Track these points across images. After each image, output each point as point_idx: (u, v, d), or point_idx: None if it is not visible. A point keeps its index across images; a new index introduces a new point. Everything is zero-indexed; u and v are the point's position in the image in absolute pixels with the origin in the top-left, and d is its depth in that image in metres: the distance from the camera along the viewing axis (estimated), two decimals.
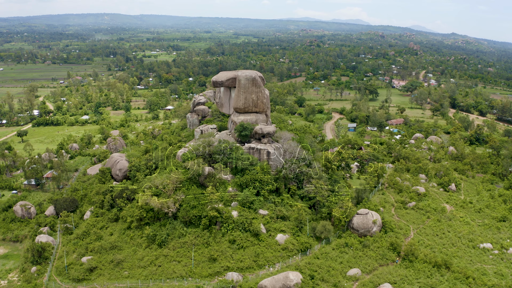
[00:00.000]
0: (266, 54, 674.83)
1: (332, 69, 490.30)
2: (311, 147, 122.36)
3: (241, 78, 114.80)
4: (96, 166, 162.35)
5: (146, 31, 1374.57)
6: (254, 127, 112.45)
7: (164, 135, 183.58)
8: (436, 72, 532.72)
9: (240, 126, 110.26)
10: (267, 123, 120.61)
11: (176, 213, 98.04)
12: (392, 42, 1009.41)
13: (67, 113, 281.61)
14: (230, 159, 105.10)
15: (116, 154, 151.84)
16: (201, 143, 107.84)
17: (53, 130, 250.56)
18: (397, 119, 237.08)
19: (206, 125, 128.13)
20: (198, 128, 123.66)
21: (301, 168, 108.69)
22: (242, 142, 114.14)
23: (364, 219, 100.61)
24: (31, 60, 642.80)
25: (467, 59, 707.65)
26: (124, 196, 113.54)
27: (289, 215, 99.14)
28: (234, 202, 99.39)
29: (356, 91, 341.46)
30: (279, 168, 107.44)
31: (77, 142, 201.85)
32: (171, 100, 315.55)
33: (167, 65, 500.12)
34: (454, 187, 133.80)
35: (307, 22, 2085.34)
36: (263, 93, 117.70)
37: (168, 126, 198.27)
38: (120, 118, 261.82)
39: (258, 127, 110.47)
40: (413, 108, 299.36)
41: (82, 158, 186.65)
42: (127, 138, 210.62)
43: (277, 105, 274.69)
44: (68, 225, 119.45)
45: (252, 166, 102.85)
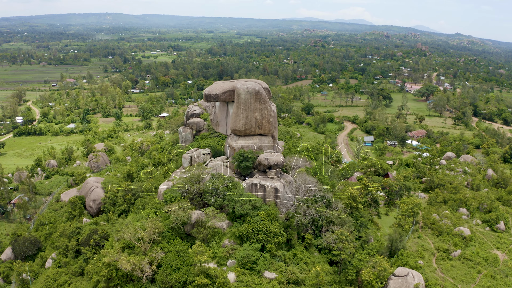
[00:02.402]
0: (269, 54, 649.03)
1: (339, 71, 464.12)
2: (330, 177, 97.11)
3: (241, 91, 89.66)
4: (71, 191, 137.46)
5: (148, 31, 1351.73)
6: (258, 156, 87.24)
7: (153, 152, 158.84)
8: (448, 75, 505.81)
9: (239, 156, 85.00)
10: (274, 148, 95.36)
11: (154, 275, 73.15)
12: (398, 43, 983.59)
13: (53, 121, 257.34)
14: (226, 201, 79.89)
15: (92, 180, 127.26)
16: (188, 178, 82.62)
17: (35, 140, 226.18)
18: (418, 131, 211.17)
19: (198, 149, 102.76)
20: (187, 154, 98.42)
21: (319, 210, 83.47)
22: (242, 175, 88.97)
23: (403, 283, 75.23)
24: (27, 61, 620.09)
25: (477, 61, 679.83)
26: (91, 244, 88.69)
27: (304, 278, 73.90)
28: (231, 261, 74.32)
29: (368, 97, 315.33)
30: (290, 212, 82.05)
31: (56, 158, 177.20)
32: (166, 106, 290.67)
33: (165, 66, 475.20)
34: (503, 226, 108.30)
35: (310, 22, 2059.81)
36: (269, 110, 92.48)
37: (159, 140, 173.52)
38: (109, 126, 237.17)
39: (263, 157, 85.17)
40: (431, 116, 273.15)
41: (59, 178, 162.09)
42: (114, 152, 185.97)
43: (283, 112, 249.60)
44: (25, 276, 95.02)
45: (255, 211, 77.55)
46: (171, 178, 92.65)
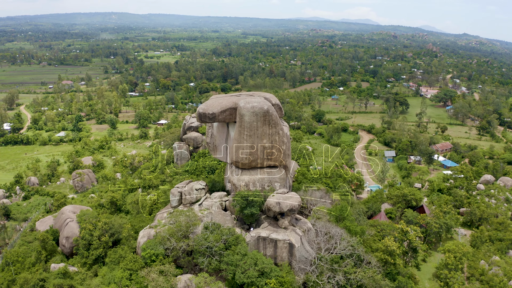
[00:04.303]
0: (275, 55, 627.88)
1: (350, 74, 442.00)
2: (357, 218, 76.61)
3: (244, 112, 69.33)
4: (48, 219, 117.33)
5: (153, 30, 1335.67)
6: (267, 198, 66.86)
7: (144, 171, 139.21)
8: (463, 77, 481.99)
9: (242, 200, 64.43)
10: (287, 183, 74.96)
11: None
12: (406, 43, 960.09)
13: (44, 127, 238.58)
14: (223, 263, 59.52)
15: (68, 209, 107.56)
16: (174, 230, 62.39)
17: (21, 151, 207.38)
18: (442, 143, 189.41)
19: (190, 181, 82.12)
20: (176, 189, 78.00)
21: (347, 271, 62.93)
22: (246, 223, 68.53)
23: None
24: (26, 61, 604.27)
25: (490, 62, 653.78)
26: None
27: None
28: None
29: (383, 102, 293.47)
30: (310, 277, 61.41)
31: (38, 174, 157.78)
32: (166, 111, 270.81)
33: (167, 68, 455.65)
34: None
35: (316, 22, 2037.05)
36: (281, 135, 72.13)
37: (152, 155, 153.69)
38: (102, 135, 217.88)
39: (273, 201, 64.65)
40: (452, 125, 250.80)
41: (39, 199, 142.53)
42: (103, 166, 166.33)
43: (292, 120, 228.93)
44: None
45: (262, 279, 57.18)
46: (155, 222, 72.55)
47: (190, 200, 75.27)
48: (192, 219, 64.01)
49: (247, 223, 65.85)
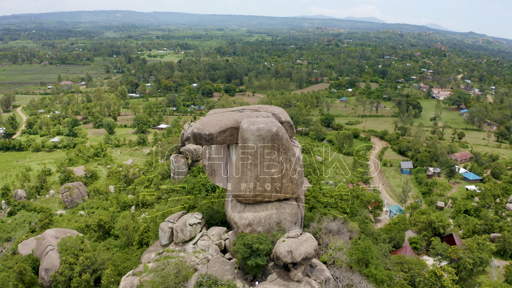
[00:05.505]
0: (281, 54, 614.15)
1: (358, 74, 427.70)
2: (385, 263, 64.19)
3: (248, 135, 56.70)
4: (31, 241, 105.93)
5: (158, 29, 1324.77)
6: (275, 243, 54.42)
7: (138, 186, 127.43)
8: (474, 78, 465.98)
9: (245, 249, 51.83)
10: (299, 217, 62.46)
11: None
12: (413, 42, 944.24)
13: (39, 132, 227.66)
14: None
15: (50, 234, 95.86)
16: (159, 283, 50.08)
17: (13, 157, 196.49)
18: (461, 153, 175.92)
19: (184, 214, 69.71)
20: (166, 224, 65.58)
21: None
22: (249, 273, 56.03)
23: None
24: (28, 60, 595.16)
25: (500, 62, 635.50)
26: None
27: None
28: None
29: (395, 105, 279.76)
30: None
31: (25, 187, 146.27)
32: (166, 114, 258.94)
33: (170, 67, 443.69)
34: None
35: (322, 20, 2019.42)
36: (293, 162, 59.61)
37: (148, 167, 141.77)
38: (98, 141, 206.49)
39: (284, 250, 51.92)
40: (468, 130, 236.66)
41: (26, 215, 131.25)
42: (96, 177, 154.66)
43: (299, 125, 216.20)
44: None
45: None
46: (141, 265, 60.35)
47: (182, 239, 62.95)
48: (184, 269, 51.76)
49: (251, 274, 53.46)
